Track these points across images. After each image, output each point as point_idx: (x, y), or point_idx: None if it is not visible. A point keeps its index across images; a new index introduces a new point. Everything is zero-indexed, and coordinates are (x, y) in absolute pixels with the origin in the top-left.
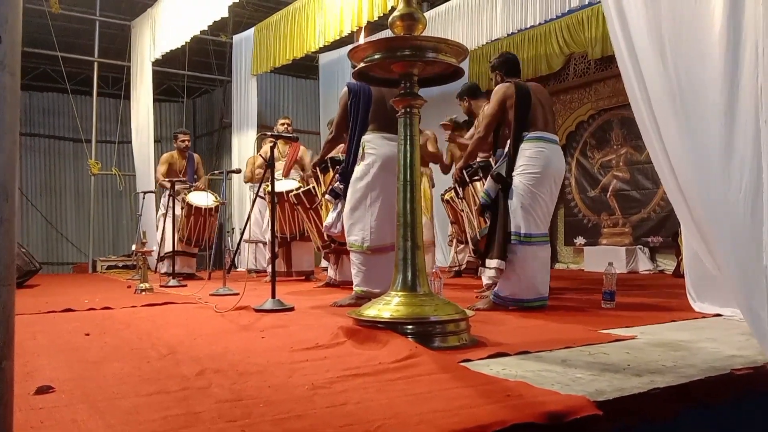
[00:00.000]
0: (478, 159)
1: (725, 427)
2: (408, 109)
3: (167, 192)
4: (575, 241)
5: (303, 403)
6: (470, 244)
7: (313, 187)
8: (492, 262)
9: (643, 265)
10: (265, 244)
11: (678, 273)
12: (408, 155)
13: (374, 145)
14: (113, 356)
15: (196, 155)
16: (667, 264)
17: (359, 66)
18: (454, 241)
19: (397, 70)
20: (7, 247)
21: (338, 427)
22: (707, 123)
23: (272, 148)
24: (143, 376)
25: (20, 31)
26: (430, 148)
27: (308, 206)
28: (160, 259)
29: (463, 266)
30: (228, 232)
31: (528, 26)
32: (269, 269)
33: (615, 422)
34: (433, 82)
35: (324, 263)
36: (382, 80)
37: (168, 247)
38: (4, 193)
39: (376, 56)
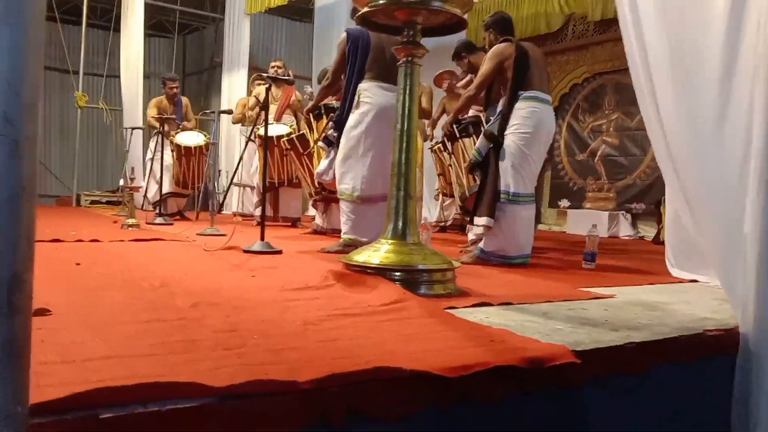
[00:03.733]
0: (469, 114)
1: (694, 383)
2: (409, 58)
3: (155, 135)
4: (560, 203)
5: (296, 337)
6: (457, 200)
7: (304, 133)
8: (481, 220)
9: (624, 230)
10: (252, 188)
11: (657, 240)
12: (406, 105)
13: (370, 94)
14: (107, 286)
15: (184, 98)
16: (648, 231)
17: (363, 10)
18: (441, 195)
19: (401, 17)
20: (31, 163)
21: (331, 360)
22: (704, 90)
23: (267, 90)
24: (138, 305)
25: None
26: (424, 102)
27: (301, 151)
28: (155, 204)
29: (449, 222)
30: (214, 174)
31: None
32: (255, 213)
33: (591, 371)
34: (435, 33)
35: (311, 211)
36: (384, 27)
37: (159, 191)
38: (31, 110)
39: (381, 1)
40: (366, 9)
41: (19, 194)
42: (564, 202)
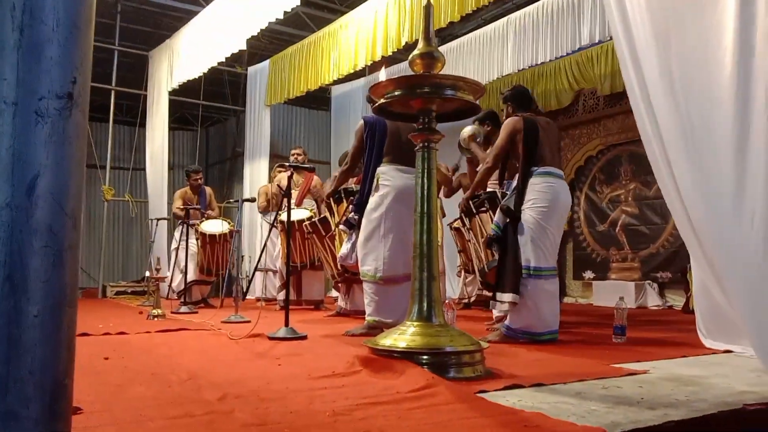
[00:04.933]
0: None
1: None
2: (426, 144)
3: (180, 225)
4: (584, 275)
5: (326, 429)
6: (478, 276)
7: (326, 216)
8: (506, 296)
9: (652, 300)
10: (275, 272)
11: (687, 309)
12: (425, 188)
13: (389, 177)
14: (135, 380)
15: (207, 188)
16: (676, 300)
17: (379, 101)
18: (463, 272)
19: (416, 106)
20: (73, 271)
21: None
22: (719, 162)
23: (290, 178)
24: (167, 399)
25: (90, 74)
26: (442, 169)
27: (324, 234)
28: (180, 293)
29: (473, 298)
30: (237, 260)
31: (538, 62)
32: (279, 297)
33: None
34: (449, 118)
35: (333, 293)
36: (400, 115)
37: (184, 280)
38: (72, 221)
39: (396, 93)
40: (382, 100)
41: (62, 303)
42: (588, 274)
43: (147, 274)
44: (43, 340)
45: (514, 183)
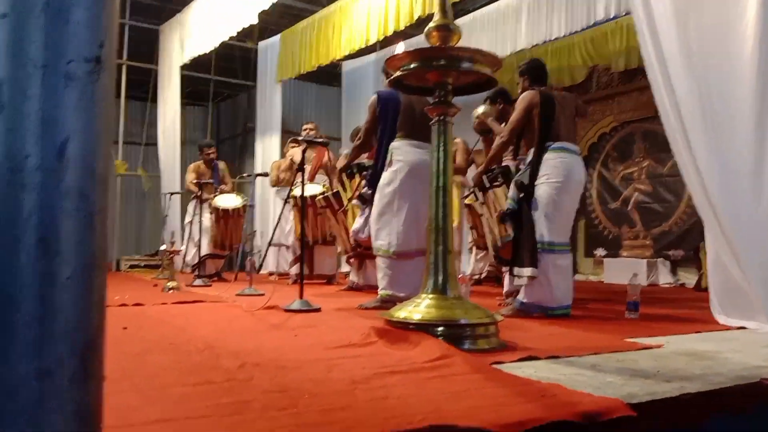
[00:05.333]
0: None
1: None
2: (442, 117)
3: (194, 199)
4: (595, 252)
5: (345, 396)
6: (491, 251)
7: (339, 191)
8: (525, 270)
9: (664, 278)
10: (287, 247)
11: (699, 287)
12: (441, 162)
13: (402, 152)
14: (154, 350)
15: (220, 163)
16: (688, 278)
17: (395, 74)
18: (474, 248)
19: (433, 79)
20: (103, 235)
21: (383, 419)
22: (738, 137)
23: (303, 152)
24: (186, 368)
25: (116, 39)
26: (458, 158)
27: (337, 208)
28: (194, 267)
29: (484, 274)
30: (249, 235)
31: (552, 38)
32: (291, 271)
33: (647, 425)
34: (466, 91)
35: (345, 268)
36: (416, 88)
37: (198, 253)
38: (102, 185)
39: (412, 65)
40: (398, 73)
41: (93, 265)
42: (600, 251)
43: (163, 247)
44: (75, 302)
45: (529, 158)
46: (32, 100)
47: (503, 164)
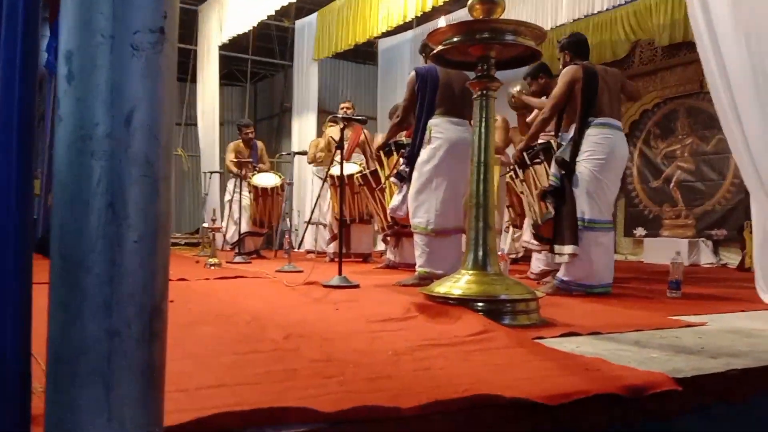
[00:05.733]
0: (539, 141)
1: None
2: (484, 92)
3: (234, 178)
4: (635, 232)
5: (389, 366)
6: (530, 228)
7: (376, 169)
8: (566, 248)
9: (706, 258)
10: (325, 225)
11: (743, 267)
12: (482, 137)
13: (441, 129)
14: (201, 321)
15: (259, 142)
16: (731, 258)
17: (437, 48)
18: (511, 227)
19: (475, 53)
20: (167, 201)
21: (427, 388)
22: None
23: (342, 131)
24: (233, 338)
25: (178, 10)
26: (498, 138)
27: (374, 186)
28: (234, 244)
29: (521, 253)
30: (286, 213)
31: (594, 12)
32: (328, 250)
33: (693, 399)
34: (509, 65)
35: (380, 246)
36: (458, 63)
37: (237, 231)
38: (167, 153)
39: (455, 39)
40: (440, 47)
41: (158, 230)
42: (640, 231)
43: (205, 224)
44: (142, 265)
45: (570, 134)
46: (101, 70)
47: (542, 141)
